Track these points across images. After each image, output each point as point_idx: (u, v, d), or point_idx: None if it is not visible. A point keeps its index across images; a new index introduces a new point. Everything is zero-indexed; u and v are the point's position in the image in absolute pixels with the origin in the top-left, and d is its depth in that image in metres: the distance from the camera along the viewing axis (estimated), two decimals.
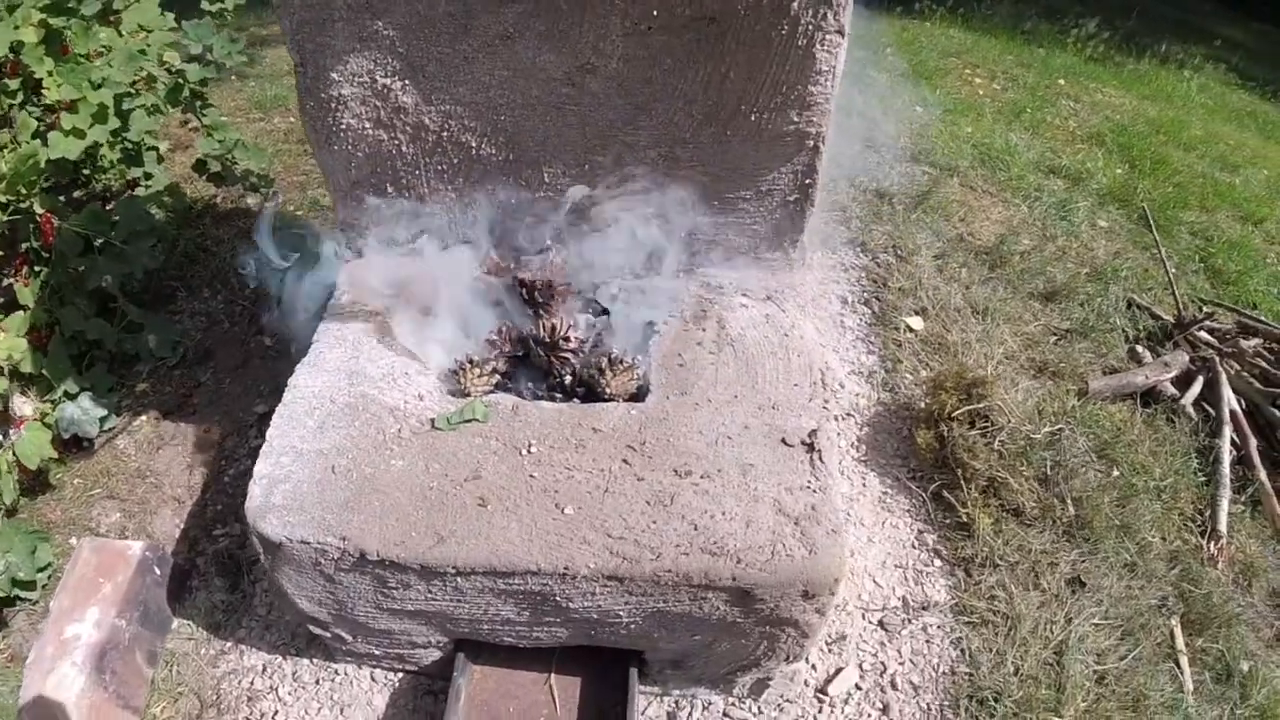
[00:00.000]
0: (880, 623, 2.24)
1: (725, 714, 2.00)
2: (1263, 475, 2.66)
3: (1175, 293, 3.33)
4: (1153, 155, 4.49)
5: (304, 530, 1.66)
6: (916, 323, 3.18)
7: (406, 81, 1.88)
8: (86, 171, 3.00)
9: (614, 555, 1.61)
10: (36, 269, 2.41)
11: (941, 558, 2.40)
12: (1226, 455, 2.69)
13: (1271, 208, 4.22)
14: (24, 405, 2.34)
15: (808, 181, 2.03)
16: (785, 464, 1.74)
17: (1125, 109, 5.17)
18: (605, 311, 2.13)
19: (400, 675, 2.06)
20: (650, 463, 1.76)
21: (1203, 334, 3.15)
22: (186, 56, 2.95)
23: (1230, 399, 2.85)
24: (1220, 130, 5.28)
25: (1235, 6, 9.57)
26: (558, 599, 1.67)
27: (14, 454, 2.27)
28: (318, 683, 2.07)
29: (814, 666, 2.12)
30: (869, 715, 2.04)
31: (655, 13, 1.73)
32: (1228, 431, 2.76)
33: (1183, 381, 2.96)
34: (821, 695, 2.05)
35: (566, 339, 1.99)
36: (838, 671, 2.10)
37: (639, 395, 1.96)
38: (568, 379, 2.04)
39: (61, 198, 2.68)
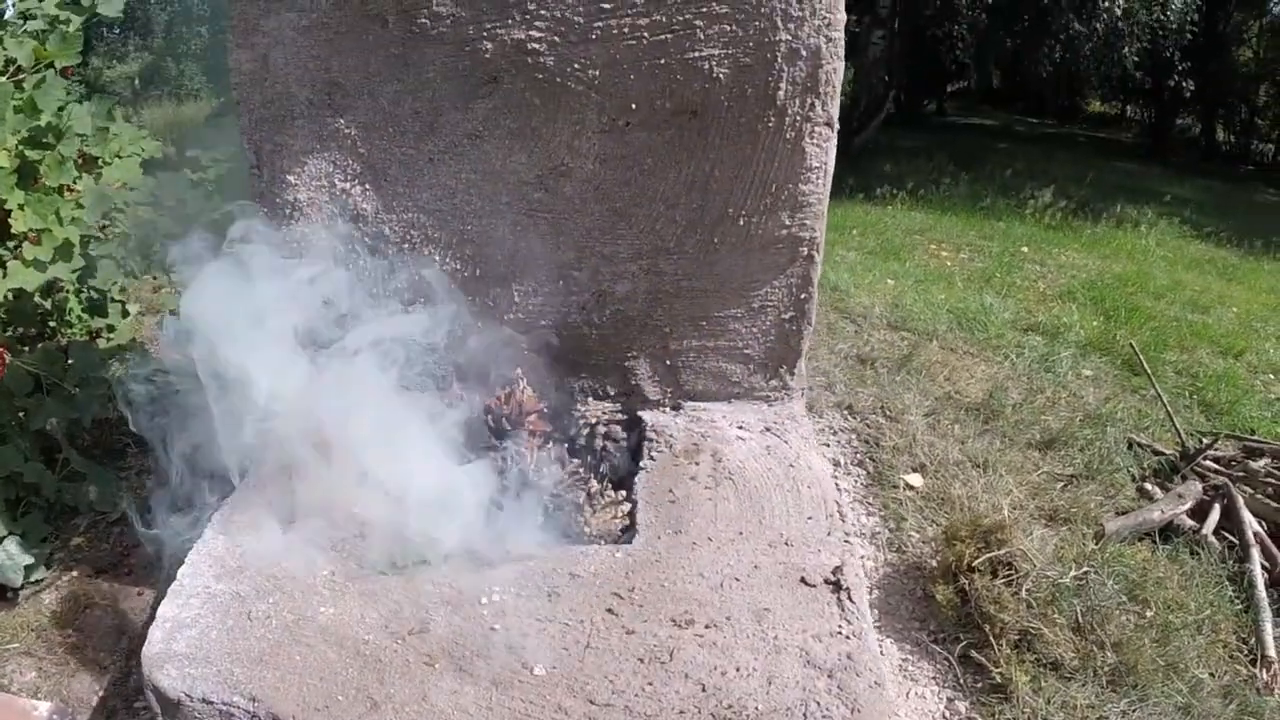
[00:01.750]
0: None
1: None
2: None
3: (1175, 425, 3.30)
4: (1126, 305, 4.67)
5: (206, 686, 1.33)
6: (916, 480, 3.04)
7: (367, 186, 1.73)
8: (53, 324, 2.93)
9: None
10: None
11: None
12: (1260, 578, 2.57)
13: (1248, 340, 4.33)
14: None
15: (803, 296, 1.87)
16: (808, 607, 1.44)
17: (1090, 268, 5.37)
18: (584, 446, 1.88)
19: None
20: (641, 612, 1.44)
21: (1209, 463, 3.11)
22: (160, 211, 2.94)
23: (1251, 521, 2.76)
24: (1184, 278, 5.50)
25: (1173, 166, 10.35)
26: None
27: None
28: None
29: None
30: None
31: (634, 106, 1.63)
32: (1256, 554, 2.65)
33: (1198, 512, 2.88)
34: None
35: (539, 473, 1.71)
36: None
37: (622, 538, 1.67)
38: (538, 523, 1.74)
39: (24, 348, 2.62)
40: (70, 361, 2.48)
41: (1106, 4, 7.46)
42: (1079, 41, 7.83)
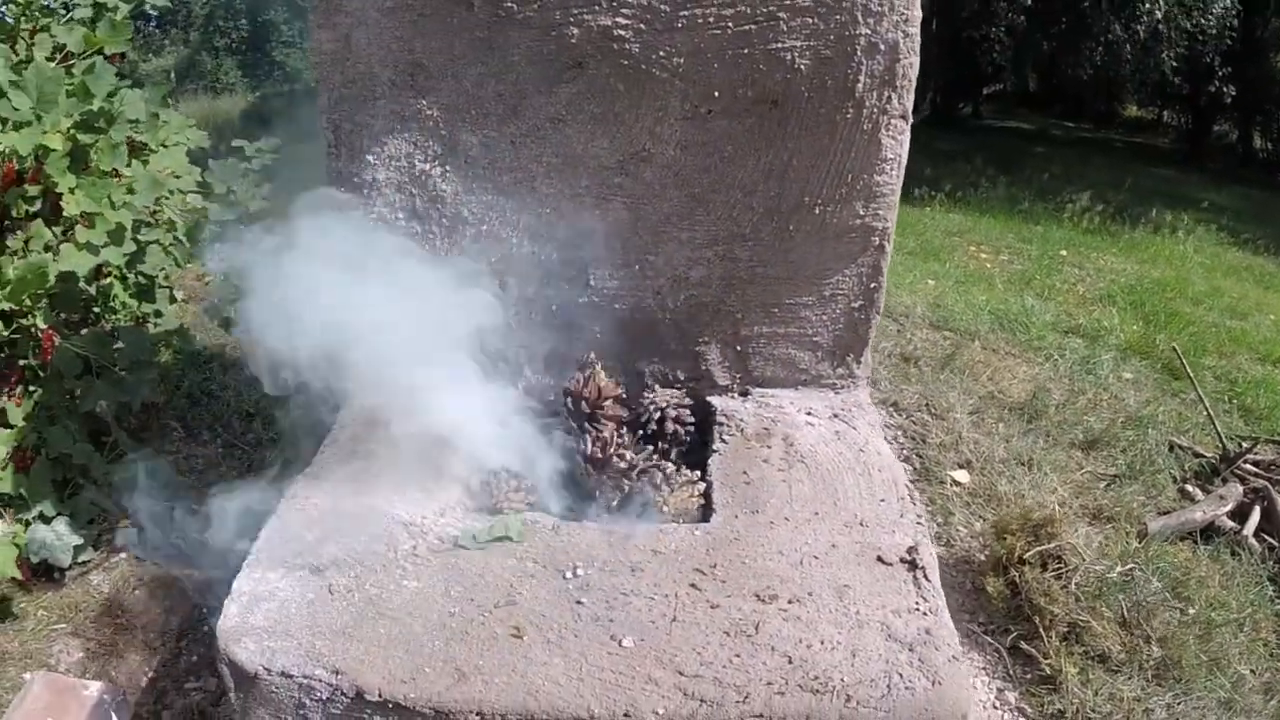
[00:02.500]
0: None
1: None
2: None
3: (1216, 428, 3.29)
4: (1164, 310, 4.64)
5: (287, 659, 1.34)
6: (962, 476, 3.06)
7: (447, 167, 1.76)
8: (97, 310, 2.93)
9: (689, 697, 1.29)
10: (31, 389, 2.32)
11: (1027, 717, 2.15)
12: None
13: None
14: None
15: (873, 285, 1.89)
16: (886, 584, 1.46)
17: (1129, 272, 5.34)
18: (655, 431, 1.90)
19: None
20: (724, 587, 1.47)
21: (1249, 466, 3.13)
22: (209, 196, 2.96)
23: None
24: (1221, 284, 5.47)
25: (1210, 173, 10.24)
26: None
27: None
28: None
29: None
30: None
31: (717, 94, 1.66)
32: None
33: (1239, 514, 2.92)
34: None
35: (621, 455, 1.74)
36: None
37: (700, 517, 1.70)
38: (614, 503, 1.77)
39: (70, 331, 2.60)
40: (119, 345, 2.48)
41: (1147, 7, 7.42)
42: (1118, 45, 7.78)
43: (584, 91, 1.68)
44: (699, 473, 1.77)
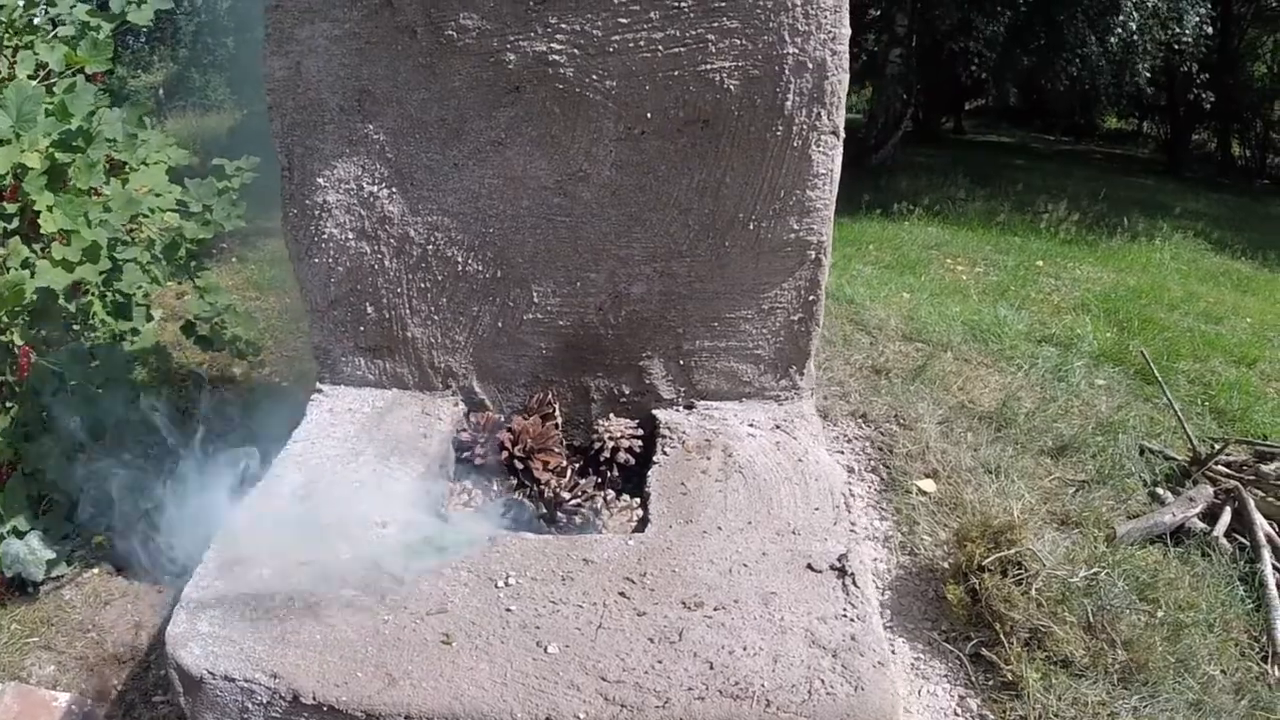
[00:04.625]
0: None
1: None
2: None
3: (1186, 430, 3.30)
4: (1139, 316, 4.66)
5: (229, 663, 1.39)
6: (928, 485, 3.07)
7: (394, 189, 1.81)
8: (76, 326, 2.96)
9: (610, 702, 1.32)
10: (7, 405, 2.33)
11: None
12: (1271, 577, 2.60)
13: (1261, 350, 4.34)
14: None
15: (811, 298, 1.93)
16: (814, 591, 1.49)
17: (1105, 281, 5.38)
18: (607, 459, 1.94)
19: None
20: (653, 595, 1.50)
21: (1220, 467, 3.14)
22: (185, 216, 2.98)
23: (1262, 523, 2.79)
24: (1198, 290, 5.50)
25: (1189, 181, 10.29)
26: None
27: None
28: None
29: None
30: None
31: (649, 115, 1.70)
32: (1267, 555, 2.68)
33: (1210, 515, 2.92)
34: None
35: (559, 500, 1.78)
36: None
37: (638, 530, 1.73)
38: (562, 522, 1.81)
39: (48, 348, 2.61)
40: (95, 363, 2.48)
41: (1121, 19, 7.50)
42: (1094, 59, 7.87)
43: (522, 115, 1.73)
44: (638, 500, 1.80)
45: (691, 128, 1.71)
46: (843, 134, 1.75)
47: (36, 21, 2.67)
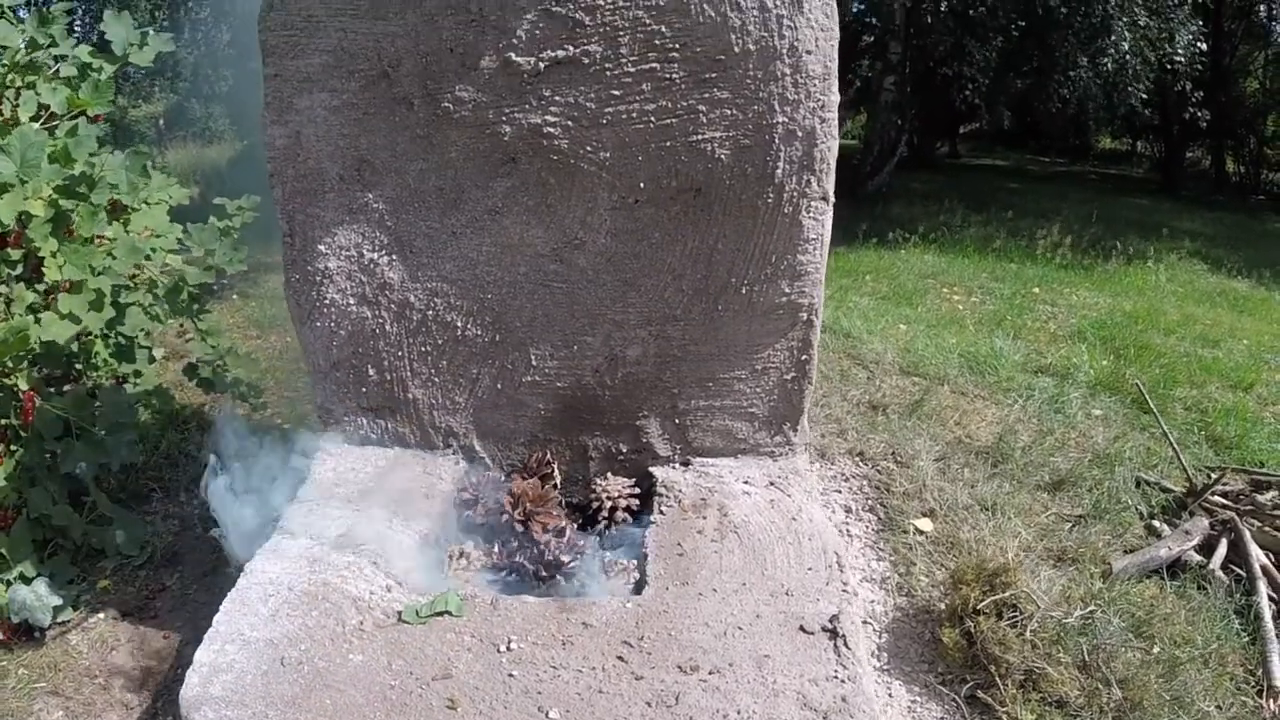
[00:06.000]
0: None
1: None
2: None
3: (1182, 462, 3.29)
4: (1135, 343, 4.67)
5: None
6: (925, 524, 3.08)
7: (394, 256, 1.86)
8: (79, 367, 2.96)
9: None
10: (12, 449, 2.32)
11: None
12: (1266, 610, 2.58)
13: (1258, 372, 4.33)
14: None
15: (804, 358, 1.97)
16: (806, 653, 1.53)
17: (1101, 306, 5.39)
18: (604, 519, 1.98)
19: None
20: (649, 659, 1.54)
21: (1216, 498, 3.13)
22: (187, 259, 3.00)
23: (1258, 555, 2.78)
24: (1194, 312, 5.51)
25: (1184, 200, 10.33)
26: None
27: None
28: None
29: None
30: None
31: (642, 185, 1.75)
32: (1263, 587, 2.67)
33: (1206, 548, 2.90)
34: None
35: (559, 561, 1.82)
36: None
37: (635, 591, 1.77)
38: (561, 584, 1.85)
39: (51, 389, 2.61)
40: (99, 406, 2.48)
41: (1113, 39, 7.58)
42: (1086, 81, 7.95)
43: (518, 185, 1.78)
44: (635, 561, 1.84)
45: (684, 196, 1.76)
46: (832, 199, 1.80)
47: (39, 60, 2.61)
